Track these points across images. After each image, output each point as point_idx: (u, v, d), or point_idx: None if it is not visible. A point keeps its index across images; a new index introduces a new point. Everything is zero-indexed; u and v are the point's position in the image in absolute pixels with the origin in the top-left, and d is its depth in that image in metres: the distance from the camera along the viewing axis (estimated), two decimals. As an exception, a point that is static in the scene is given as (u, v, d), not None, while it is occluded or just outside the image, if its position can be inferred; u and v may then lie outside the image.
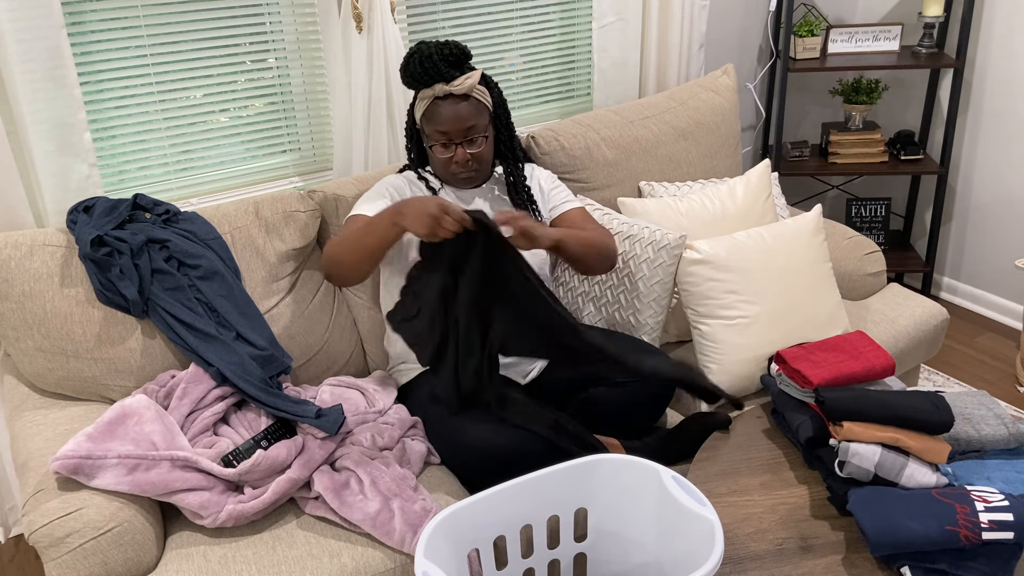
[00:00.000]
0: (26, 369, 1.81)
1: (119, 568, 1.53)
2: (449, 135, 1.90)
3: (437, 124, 1.89)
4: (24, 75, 1.88)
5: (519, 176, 2.05)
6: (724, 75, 2.72)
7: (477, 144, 1.93)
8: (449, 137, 1.90)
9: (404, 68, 1.91)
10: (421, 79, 1.88)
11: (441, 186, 2.02)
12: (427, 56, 1.86)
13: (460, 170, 1.94)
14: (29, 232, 1.83)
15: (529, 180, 2.10)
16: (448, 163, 1.94)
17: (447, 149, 1.92)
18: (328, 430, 1.73)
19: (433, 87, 1.88)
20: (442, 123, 1.89)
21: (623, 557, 1.56)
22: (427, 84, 1.89)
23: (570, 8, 2.75)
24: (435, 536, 1.35)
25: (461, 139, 1.91)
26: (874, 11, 3.33)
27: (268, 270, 2.01)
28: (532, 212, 2.05)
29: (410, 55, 1.89)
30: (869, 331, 2.27)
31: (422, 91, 1.91)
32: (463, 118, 1.89)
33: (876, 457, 1.55)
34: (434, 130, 1.90)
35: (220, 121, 2.29)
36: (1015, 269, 3.15)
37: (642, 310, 2.11)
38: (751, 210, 2.29)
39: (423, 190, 2.01)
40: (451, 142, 1.91)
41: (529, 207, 2.05)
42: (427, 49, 1.87)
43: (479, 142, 1.93)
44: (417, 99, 1.94)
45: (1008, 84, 3.00)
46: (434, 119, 1.90)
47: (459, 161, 1.92)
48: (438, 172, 2.00)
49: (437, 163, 1.96)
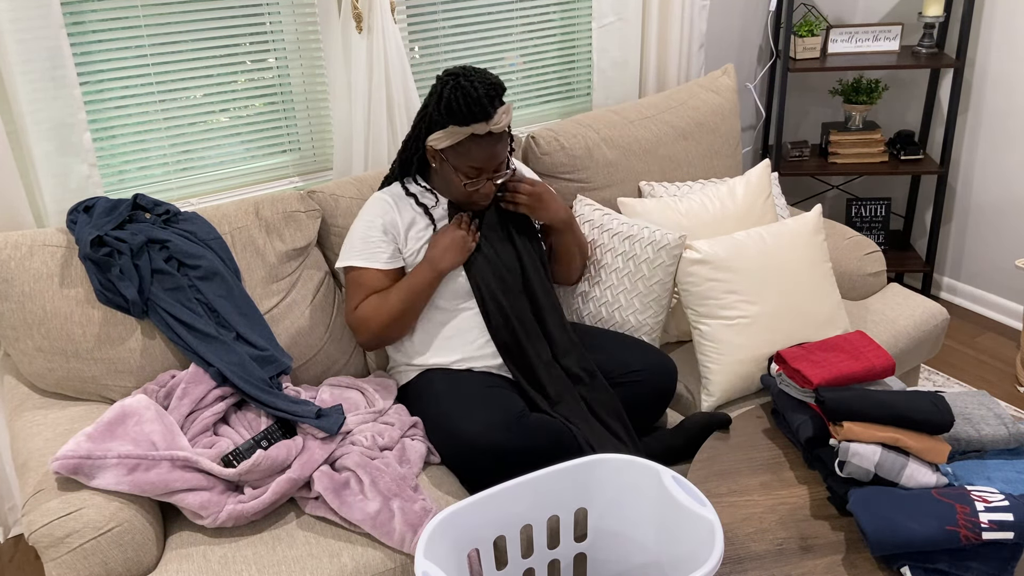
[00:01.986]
0: (26, 369, 1.81)
1: (119, 568, 1.53)
2: (482, 171, 1.86)
3: (472, 161, 1.83)
4: (24, 75, 1.88)
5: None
6: (724, 75, 2.72)
7: (502, 175, 1.91)
8: (480, 172, 1.86)
9: (446, 106, 1.78)
10: (464, 118, 1.78)
11: (436, 202, 1.97)
12: (475, 98, 1.75)
13: (482, 200, 1.91)
14: (29, 232, 1.83)
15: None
16: (472, 194, 1.89)
17: (476, 183, 1.87)
18: (328, 430, 1.73)
19: (471, 126, 1.80)
20: (477, 160, 1.83)
21: (623, 557, 1.56)
22: (467, 123, 1.79)
23: (570, 8, 2.75)
24: (435, 536, 1.35)
25: (491, 174, 1.88)
26: (874, 11, 3.33)
27: (268, 270, 2.01)
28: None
29: (451, 92, 1.77)
30: (869, 331, 2.27)
31: (454, 127, 1.81)
32: (498, 155, 1.85)
33: (876, 457, 1.55)
34: (466, 165, 1.84)
35: (220, 121, 2.29)
36: (1015, 269, 3.15)
37: (642, 310, 2.11)
38: (751, 210, 2.29)
39: (414, 208, 1.95)
40: (480, 176, 1.87)
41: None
42: (471, 87, 1.76)
43: (504, 173, 1.91)
44: (446, 131, 1.82)
45: (1008, 84, 3.00)
46: (468, 155, 1.83)
47: (486, 194, 1.90)
48: (452, 196, 1.94)
49: (456, 190, 1.90)
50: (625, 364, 1.94)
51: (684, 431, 1.89)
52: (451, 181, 1.89)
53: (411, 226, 1.94)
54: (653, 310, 2.11)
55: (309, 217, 2.07)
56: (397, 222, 1.94)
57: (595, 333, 2.06)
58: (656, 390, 1.93)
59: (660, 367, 1.95)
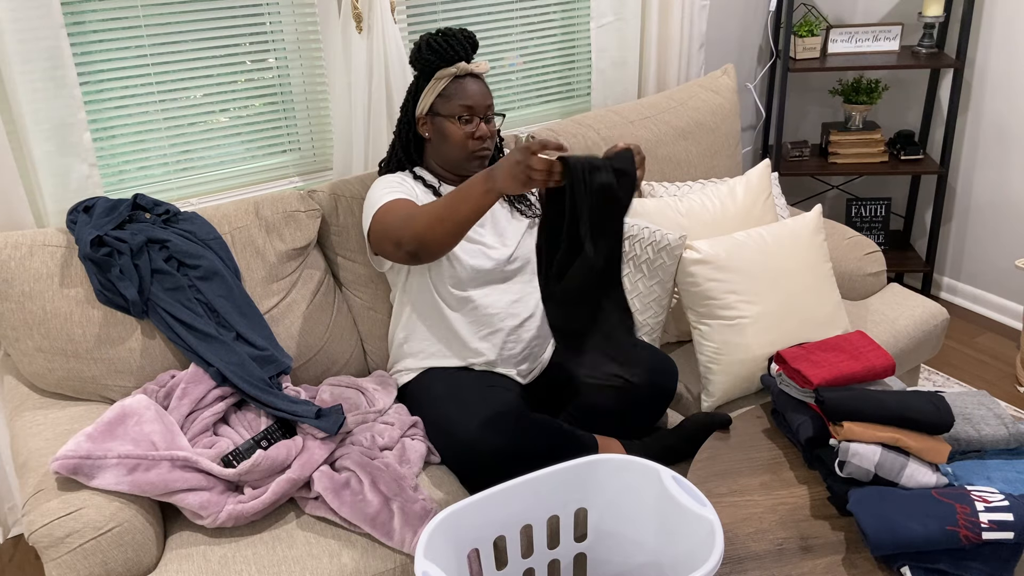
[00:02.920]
0: (26, 369, 1.81)
1: (119, 568, 1.53)
2: (474, 110, 1.91)
3: (462, 99, 1.91)
4: (24, 75, 1.88)
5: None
6: (724, 75, 2.72)
7: (493, 124, 1.97)
8: (473, 112, 1.92)
9: (426, 45, 1.90)
10: (445, 55, 1.89)
11: (439, 185, 2.01)
12: (450, 34, 1.90)
13: (480, 146, 1.95)
14: (29, 232, 1.83)
15: None
16: (468, 138, 1.93)
17: (470, 124, 1.93)
18: (328, 430, 1.73)
19: (455, 65, 1.91)
20: (467, 98, 1.91)
21: (623, 557, 1.56)
22: (449, 62, 1.91)
23: (570, 8, 2.75)
24: (435, 536, 1.35)
25: (483, 115, 1.94)
26: (874, 11, 3.33)
27: (268, 270, 2.01)
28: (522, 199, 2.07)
29: (429, 38, 1.90)
30: (869, 331, 2.27)
31: (440, 71, 1.92)
32: (486, 94, 1.94)
33: (876, 457, 1.55)
34: (459, 105, 1.91)
35: (220, 121, 2.29)
36: (1015, 269, 3.15)
37: (642, 310, 2.11)
38: (751, 210, 2.29)
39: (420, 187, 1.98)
40: (474, 116, 1.92)
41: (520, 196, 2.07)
42: (445, 31, 1.90)
43: (495, 121, 1.97)
44: (432, 81, 1.93)
45: (1008, 84, 3.00)
46: (457, 95, 1.91)
47: (482, 135, 1.93)
48: (452, 155, 1.95)
49: (454, 144, 1.94)
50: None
51: (684, 431, 1.89)
52: (447, 136, 1.93)
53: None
54: (653, 310, 2.11)
55: (309, 217, 2.07)
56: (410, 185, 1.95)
57: (595, 333, 2.06)
58: (656, 390, 1.93)
59: (660, 367, 1.95)
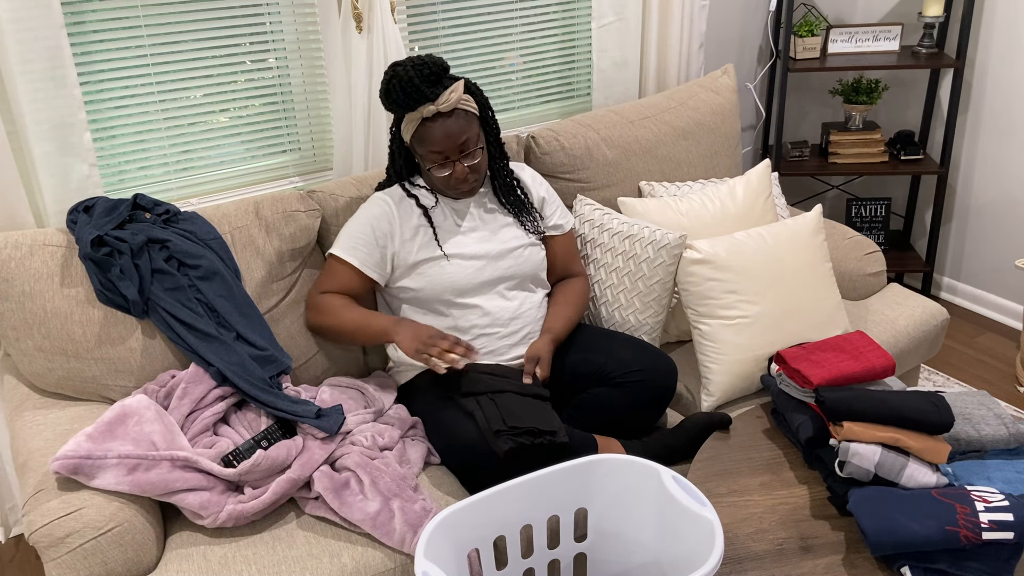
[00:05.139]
0: (26, 369, 1.81)
1: (119, 568, 1.53)
2: (444, 153, 1.87)
3: (431, 145, 1.86)
4: (24, 75, 1.88)
5: (509, 178, 2.05)
6: (724, 75, 2.72)
7: (474, 156, 1.91)
8: (445, 156, 1.88)
9: (385, 95, 1.86)
10: (405, 104, 1.84)
11: (436, 202, 2.00)
12: (407, 80, 1.81)
13: (461, 185, 1.93)
14: (29, 232, 1.83)
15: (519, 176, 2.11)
16: (448, 180, 1.92)
17: (444, 167, 1.90)
18: (328, 430, 1.73)
19: (419, 109, 1.85)
20: (435, 143, 1.86)
21: (623, 557, 1.56)
22: (412, 108, 1.85)
23: (570, 8, 2.75)
24: (435, 536, 1.35)
25: (457, 156, 1.89)
26: (874, 11, 3.33)
27: (268, 270, 2.01)
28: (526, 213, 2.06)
29: (387, 81, 1.84)
30: (869, 331, 2.27)
31: (407, 115, 1.88)
32: (455, 135, 1.86)
33: (876, 457, 1.55)
34: (428, 151, 1.88)
35: (220, 121, 2.29)
36: (1015, 269, 3.15)
37: (642, 310, 2.11)
38: (751, 210, 2.29)
39: (413, 209, 1.97)
40: (448, 160, 1.89)
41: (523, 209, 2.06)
42: (404, 72, 1.82)
43: (475, 154, 1.91)
44: (404, 122, 1.90)
45: (1008, 84, 3.00)
46: (427, 140, 1.87)
47: (459, 177, 1.91)
48: (437, 188, 1.98)
49: (436, 181, 1.94)
50: (625, 364, 1.94)
51: (684, 431, 1.89)
52: (428, 173, 1.93)
53: (415, 231, 1.96)
54: (653, 310, 2.11)
55: (309, 217, 2.07)
56: (394, 232, 1.95)
57: (595, 333, 2.06)
58: (656, 390, 1.93)
59: (660, 367, 1.95)
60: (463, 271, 1.94)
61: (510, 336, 1.98)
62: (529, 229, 2.05)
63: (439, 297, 1.95)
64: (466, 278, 1.95)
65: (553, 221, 2.11)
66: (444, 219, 1.99)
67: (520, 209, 2.05)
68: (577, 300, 2.07)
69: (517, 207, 2.05)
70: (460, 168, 1.89)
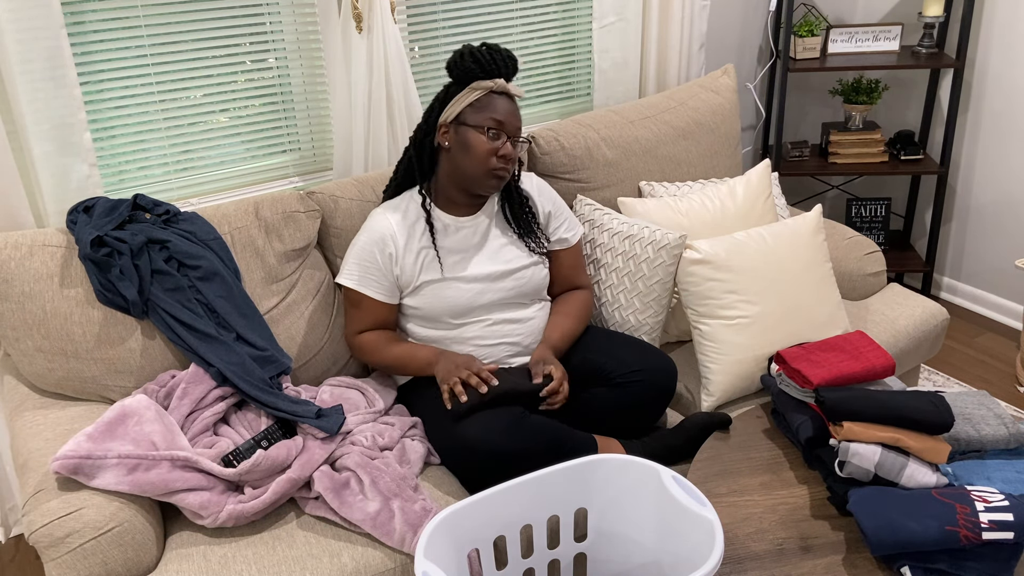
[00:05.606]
0: (26, 369, 1.81)
1: (119, 568, 1.53)
2: (504, 126, 1.86)
3: (493, 112, 1.86)
4: (24, 75, 1.88)
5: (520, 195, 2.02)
6: (724, 75, 2.72)
7: (520, 148, 1.91)
8: (502, 128, 1.86)
9: (470, 54, 1.85)
10: (486, 67, 1.85)
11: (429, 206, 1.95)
12: (495, 50, 1.86)
13: (501, 165, 1.87)
14: (29, 232, 1.83)
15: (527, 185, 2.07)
16: (491, 154, 1.86)
17: (496, 139, 1.86)
18: (328, 430, 1.73)
19: (493, 80, 1.87)
20: (500, 113, 1.86)
21: (623, 557, 1.56)
22: (488, 75, 1.86)
23: (570, 8, 2.75)
24: (435, 536, 1.35)
25: (511, 135, 1.88)
26: (874, 11, 3.33)
27: (268, 271, 2.01)
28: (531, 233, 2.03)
29: (471, 50, 1.86)
30: (869, 331, 2.27)
31: (476, 82, 1.87)
32: (517, 115, 1.89)
33: (876, 457, 1.55)
34: (489, 117, 1.85)
35: (220, 121, 2.29)
36: (1015, 269, 3.15)
37: (642, 310, 2.11)
38: (751, 210, 2.29)
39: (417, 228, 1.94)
40: (502, 133, 1.87)
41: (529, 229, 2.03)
42: (483, 46, 1.87)
43: (521, 147, 1.92)
44: (466, 90, 1.87)
45: (1008, 84, 3.00)
46: (489, 108, 1.86)
47: (506, 154, 1.87)
48: (471, 170, 1.88)
49: (476, 157, 1.87)
50: (625, 364, 1.94)
51: (684, 431, 1.89)
52: (469, 148, 1.86)
53: (417, 254, 1.93)
54: (653, 310, 2.11)
55: (309, 218, 2.07)
56: (397, 255, 1.92)
57: (595, 333, 2.06)
58: (656, 390, 1.93)
59: (660, 367, 1.95)
60: (463, 295, 1.93)
61: (511, 347, 1.97)
62: (533, 249, 2.03)
63: (439, 317, 1.95)
64: (466, 301, 1.93)
65: (559, 235, 2.08)
66: (447, 235, 1.96)
67: (526, 229, 2.02)
68: (578, 312, 2.05)
69: (524, 227, 2.02)
70: (510, 148, 1.88)
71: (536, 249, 2.03)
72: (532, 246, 2.02)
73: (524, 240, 2.02)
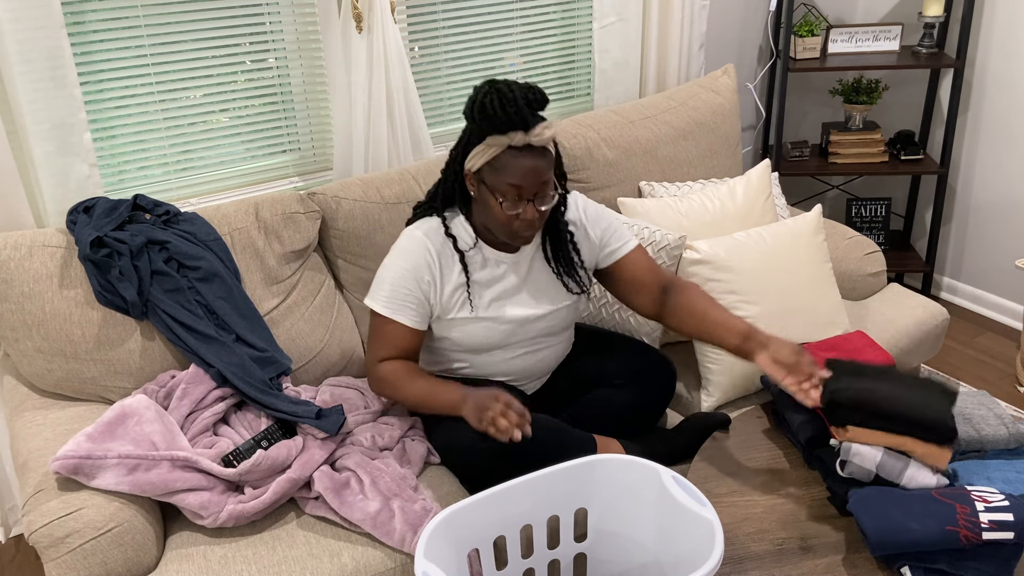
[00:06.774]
0: (25, 370, 1.81)
1: (119, 568, 1.53)
2: (522, 191, 1.66)
3: (510, 177, 1.64)
4: (24, 75, 1.88)
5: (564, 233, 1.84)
6: (724, 75, 2.72)
7: (549, 200, 1.70)
8: (521, 193, 1.66)
9: (479, 108, 1.63)
10: (500, 124, 1.62)
11: (475, 243, 1.81)
12: (510, 99, 1.61)
13: (525, 229, 1.71)
14: (29, 232, 1.83)
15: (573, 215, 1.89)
16: (512, 220, 1.70)
17: (516, 205, 1.67)
18: (328, 430, 1.73)
19: (509, 135, 1.63)
20: (516, 176, 1.64)
21: (623, 557, 1.56)
22: (502, 131, 1.64)
23: (570, 8, 2.75)
24: (435, 536, 1.35)
25: (531, 195, 1.67)
26: (874, 11, 3.33)
27: (268, 272, 2.01)
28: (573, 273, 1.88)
29: (485, 94, 1.63)
30: (869, 331, 2.27)
31: (490, 138, 1.65)
32: (540, 172, 1.65)
33: (878, 457, 1.55)
34: (505, 183, 1.65)
35: (220, 121, 2.29)
36: (1015, 269, 3.15)
37: (642, 310, 2.11)
38: (751, 210, 2.29)
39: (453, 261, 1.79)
40: (521, 198, 1.67)
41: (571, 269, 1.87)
42: (507, 90, 1.62)
43: (550, 198, 1.71)
44: (482, 145, 1.67)
45: (1008, 84, 3.00)
46: (506, 171, 1.65)
47: (528, 220, 1.69)
48: (493, 228, 1.74)
49: (496, 219, 1.71)
50: (625, 364, 1.94)
51: (684, 431, 1.89)
52: (490, 209, 1.71)
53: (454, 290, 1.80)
54: (653, 310, 2.11)
55: (309, 219, 2.07)
56: (436, 283, 1.78)
57: (595, 333, 2.06)
58: (656, 390, 1.93)
59: (660, 367, 1.95)
60: (493, 335, 1.84)
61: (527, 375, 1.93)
62: (572, 289, 1.89)
63: (458, 349, 1.87)
64: (496, 340, 1.85)
65: (617, 255, 1.89)
66: (481, 268, 1.82)
67: (567, 269, 1.86)
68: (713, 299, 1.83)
69: (565, 267, 1.86)
70: (531, 210, 1.68)
71: (574, 290, 1.89)
72: (571, 286, 1.89)
73: (563, 280, 1.87)
